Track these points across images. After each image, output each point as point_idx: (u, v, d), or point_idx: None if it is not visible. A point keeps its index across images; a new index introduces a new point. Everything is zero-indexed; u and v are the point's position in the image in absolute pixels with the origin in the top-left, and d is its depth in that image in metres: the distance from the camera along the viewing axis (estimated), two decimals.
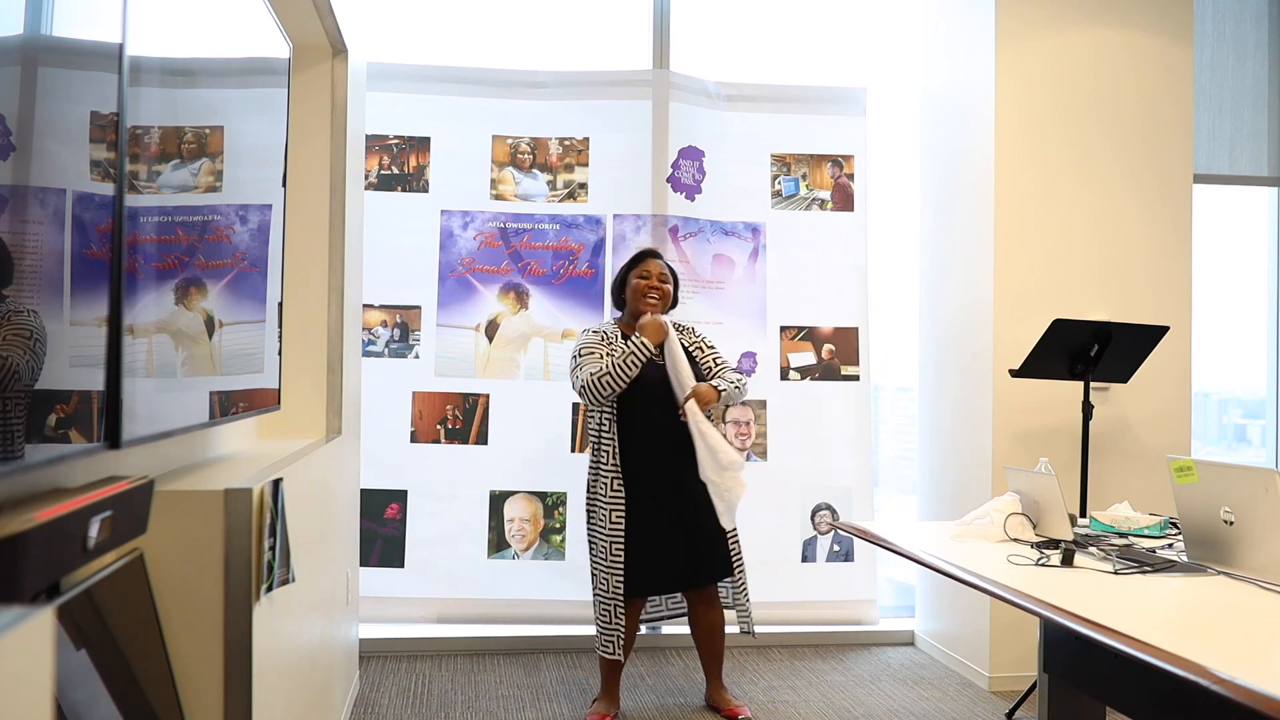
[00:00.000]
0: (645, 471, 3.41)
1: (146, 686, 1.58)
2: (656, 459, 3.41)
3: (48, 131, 1.30)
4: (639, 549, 3.39)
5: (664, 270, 3.56)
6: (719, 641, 3.58)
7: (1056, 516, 2.61)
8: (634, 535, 3.39)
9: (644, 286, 3.51)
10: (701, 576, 3.46)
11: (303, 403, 3.16)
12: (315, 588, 2.62)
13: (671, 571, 3.42)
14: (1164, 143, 4.10)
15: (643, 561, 3.39)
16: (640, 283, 3.52)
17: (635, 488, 3.40)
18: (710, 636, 3.57)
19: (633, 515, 3.39)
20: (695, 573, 3.45)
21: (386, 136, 4.32)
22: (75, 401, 1.39)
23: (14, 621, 0.88)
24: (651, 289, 3.50)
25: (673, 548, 3.40)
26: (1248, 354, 4.69)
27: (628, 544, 3.38)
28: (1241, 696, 1.46)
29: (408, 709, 3.57)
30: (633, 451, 3.42)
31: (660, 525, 3.40)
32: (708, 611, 3.53)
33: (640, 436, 3.42)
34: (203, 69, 2.01)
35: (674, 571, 3.42)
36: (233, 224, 2.15)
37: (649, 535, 3.39)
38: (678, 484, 3.39)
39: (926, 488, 4.54)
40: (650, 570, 3.40)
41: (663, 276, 3.53)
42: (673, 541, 3.40)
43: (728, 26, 4.76)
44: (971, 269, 4.15)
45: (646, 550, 3.39)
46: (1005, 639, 3.89)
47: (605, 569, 3.39)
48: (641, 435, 3.42)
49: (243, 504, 1.75)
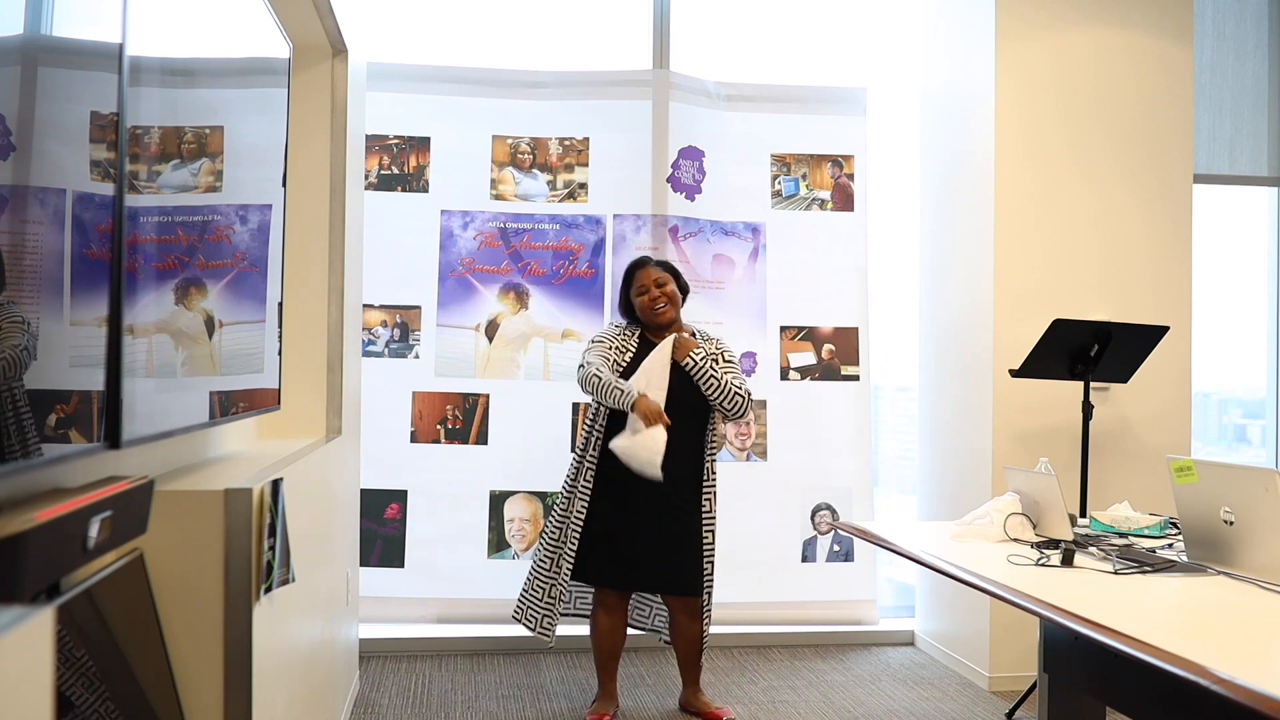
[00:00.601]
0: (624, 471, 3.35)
1: (146, 686, 1.58)
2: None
3: (48, 131, 1.30)
4: (595, 538, 3.41)
5: (658, 274, 3.51)
6: (696, 650, 3.58)
7: (1056, 516, 2.61)
8: (594, 524, 3.41)
9: (647, 301, 3.47)
10: (659, 584, 3.47)
11: (303, 403, 3.16)
12: (315, 588, 2.63)
13: (623, 570, 3.42)
14: (1164, 143, 4.10)
15: (594, 551, 3.41)
16: (642, 299, 3.48)
17: (609, 484, 3.41)
18: (688, 644, 3.57)
19: (597, 506, 3.41)
20: (653, 580, 3.45)
21: (386, 136, 4.32)
22: (75, 401, 1.39)
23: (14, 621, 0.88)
24: (655, 300, 3.46)
25: (632, 548, 3.40)
26: (1248, 354, 4.70)
27: (585, 530, 3.41)
28: (1241, 696, 1.46)
29: (408, 709, 3.57)
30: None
31: (625, 522, 3.40)
32: (690, 622, 3.53)
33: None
34: (203, 69, 2.01)
35: (626, 571, 3.43)
36: (233, 224, 2.15)
37: (610, 527, 3.40)
38: (655, 490, 3.34)
39: (926, 488, 4.54)
40: (601, 560, 3.41)
41: (659, 281, 3.49)
42: (633, 542, 3.40)
43: (728, 26, 4.76)
44: (971, 269, 4.15)
45: (607, 542, 3.41)
46: (1005, 639, 3.89)
47: (551, 547, 3.45)
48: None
49: (243, 504, 1.75)
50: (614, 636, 3.54)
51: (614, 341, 3.51)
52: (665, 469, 3.30)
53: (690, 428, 3.44)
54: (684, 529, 3.42)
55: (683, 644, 3.57)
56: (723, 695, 3.73)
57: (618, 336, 3.53)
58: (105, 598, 1.48)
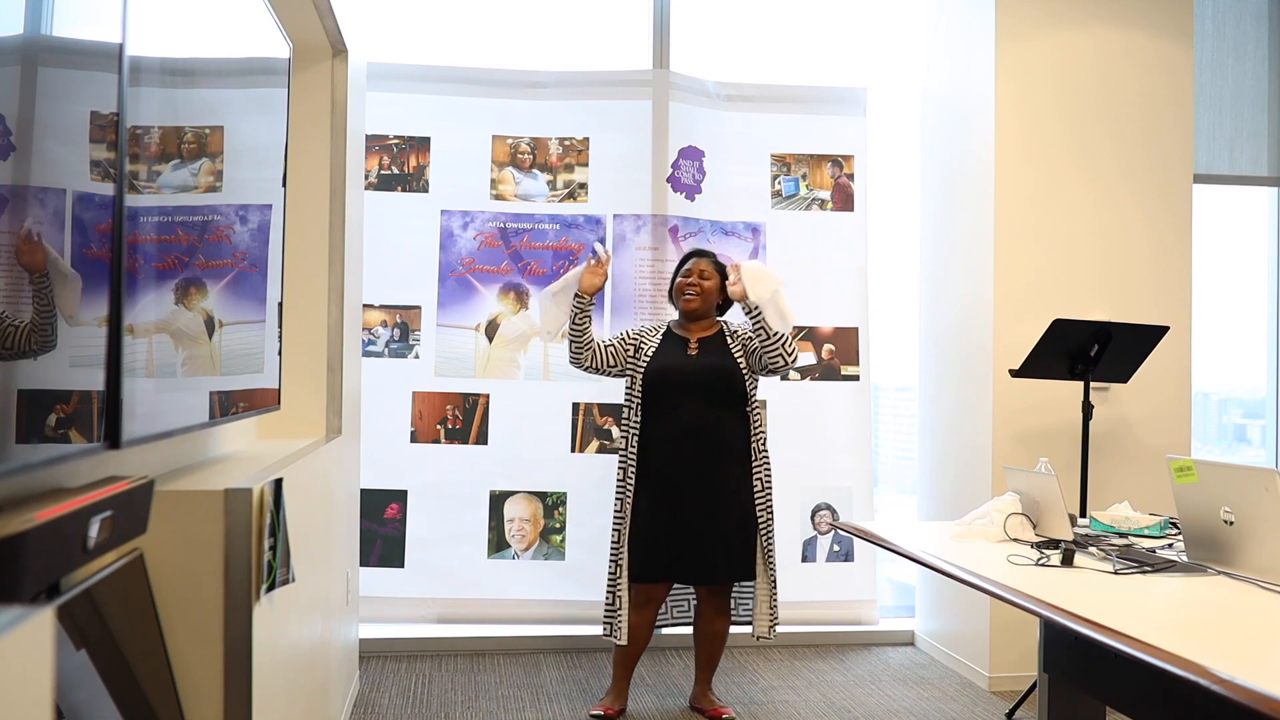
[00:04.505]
0: (662, 462, 3.42)
1: (146, 686, 1.58)
2: (676, 451, 3.42)
3: (48, 131, 1.30)
4: (642, 536, 3.42)
5: (705, 267, 3.59)
6: (719, 649, 3.58)
7: (1056, 516, 2.61)
8: (638, 522, 3.42)
9: (683, 283, 3.57)
10: (709, 574, 3.43)
11: (303, 403, 3.15)
12: (315, 588, 2.63)
13: (669, 563, 3.41)
14: (1164, 143, 4.10)
15: (644, 550, 3.42)
16: (681, 280, 3.59)
17: (650, 478, 3.44)
18: (711, 641, 3.56)
19: (640, 502, 3.43)
20: (702, 569, 3.42)
21: (386, 136, 4.32)
22: (75, 401, 1.39)
23: (14, 621, 0.88)
24: (688, 285, 3.55)
25: (676, 540, 3.39)
26: (1248, 354, 4.69)
27: (632, 530, 3.42)
28: (1241, 696, 1.46)
29: (408, 709, 3.57)
30: (654, 441, 3.45)
31: (667, 516, 3.40)
32: (714, 617, 3.52)
33: (663, 427, 3.45)
34: (203, 69, 2.01)
35: (672, 563, 3.41)
36: (233, 224, 2.15)
37: (652, 524, 3.41)
38: (696, 477, 3.39)
39: (926, 488, 4.54)
40: (648, 559, 3.41)
41: (703, 274, 3.56)
42: (677, 533, 3.39)
43: (728, 26, 4.76)
44: (971, 269, 4.15)
45: (648, 539, 3.41)
46: (1005, 639, 3.89)
47: (612, 552, 3.48)
48: (664, 426, 3.45)
49: (243, 504, 1.75)
50: (637, 633, 3.49)
51: (633, 333, 3.62)
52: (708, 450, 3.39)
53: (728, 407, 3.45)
54: (730, 512, 3.41)
55: (703, 639, 3.56)
56: (723, 695, 3.73)
57: (641, 332, 3.64)
58: (105, 598, 1.48)
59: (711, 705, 3.56)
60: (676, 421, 3.43)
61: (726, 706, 3.58)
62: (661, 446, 3.43)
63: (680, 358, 3.49)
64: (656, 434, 3.45)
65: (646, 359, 3.51)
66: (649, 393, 3.47)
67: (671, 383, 3.45)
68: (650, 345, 3.56)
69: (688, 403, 3.43)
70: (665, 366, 3.48)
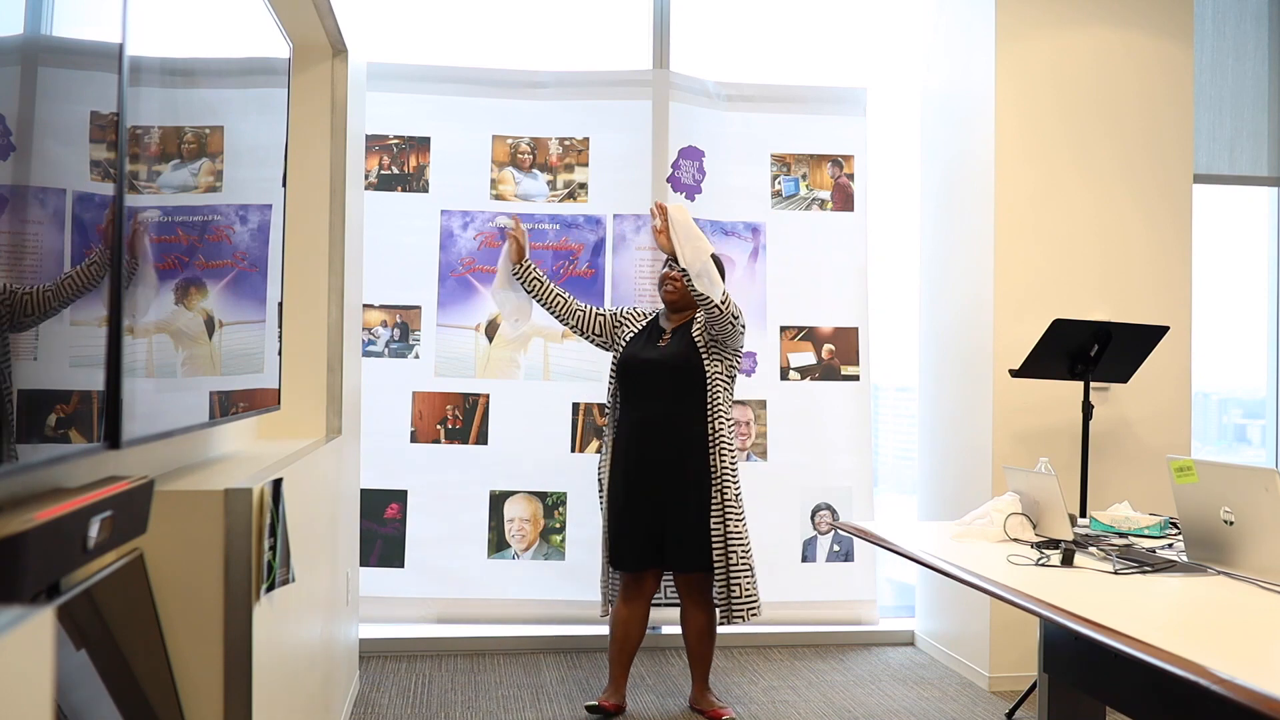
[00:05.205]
0: (629, 449, 3.52)
1: (146, 686, 1.58)
2: (640, 439, 3.49)
3: (48, 131, 1.30)
4: (615, 523, 3.53)
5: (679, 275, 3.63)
6: (706, 644, 3.57)
7: (1056, 516, 2.61)
8: (613, 508, 3.54)
9: (664, 276, 3.65)
10: (672, 560, 3.47)
11: (303, 403, 3.15)
12: (315, 588, 2.63)
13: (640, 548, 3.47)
14: (1164, 143, 4.10)
15: (615, 537, 3.53)
16: (663, 273, 3.66)
17: (620, 464, 3.54)
18: (697, 637, 3.56)
19: (615, 489, 3.55)
20: (662, 557, 3.48)
21: (386, 136, 4.32)
22: (75, 401, 1.39)
23: (14, 621, 0.88)
24: (668, 278, 3.62)
25: (645, 525, 3.46)
26: (1248, 354, 4.69)
27: (610, 515, 3.55)
28: (1241, 696, 1.46)
29: (408, 709, 3.57)
30: (625, 428, 3.56)
31: (634, 504, 3.48)
32: (695, 611, 3.54)
33: (630, 415, 3.54)
34: (203, 69, 2.01)
35: (644, 548, 3.47)
36: (233, 224, 2.15)
37: (620, 512, 3.51)
38: (657, 465, 3.46)
39: (926, 488, 4.54)
40: (618, 545, 3.51)
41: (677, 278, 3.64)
42: (640, 522, 3.46)
43: (728, 26, 4.76)
44: (971, 269, 4.15)
45: (619, 525, 3.51)
46: (1005, 639, 3.89)
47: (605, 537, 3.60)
48: (631, 414, 3.54)
49: (243, 504, 1.75)
50: (627, 627, 3.52)
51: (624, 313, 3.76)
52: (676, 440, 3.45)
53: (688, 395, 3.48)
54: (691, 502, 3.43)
55: (688, 634, 3.57)
56: (723, 695, 3.72)
57: (631, 314, 3.76)
58: (105, 598, 1.48)
59: (711, 705, 3.56)
60: (642, 411, 3.52)
61: (726, 706, 3.58)
62: (629, 434, 3.53)
63: (650, 348, 3.58)
64: (625, 422, 3.56)
65: (623, 344, 3.64)
66: (619, 381, 3.59)
67: (634, 372, 3.55)
68: (630, 331, 3.67)
69: (651, 392, 3.51)
70: (631, 355, 3.58)
